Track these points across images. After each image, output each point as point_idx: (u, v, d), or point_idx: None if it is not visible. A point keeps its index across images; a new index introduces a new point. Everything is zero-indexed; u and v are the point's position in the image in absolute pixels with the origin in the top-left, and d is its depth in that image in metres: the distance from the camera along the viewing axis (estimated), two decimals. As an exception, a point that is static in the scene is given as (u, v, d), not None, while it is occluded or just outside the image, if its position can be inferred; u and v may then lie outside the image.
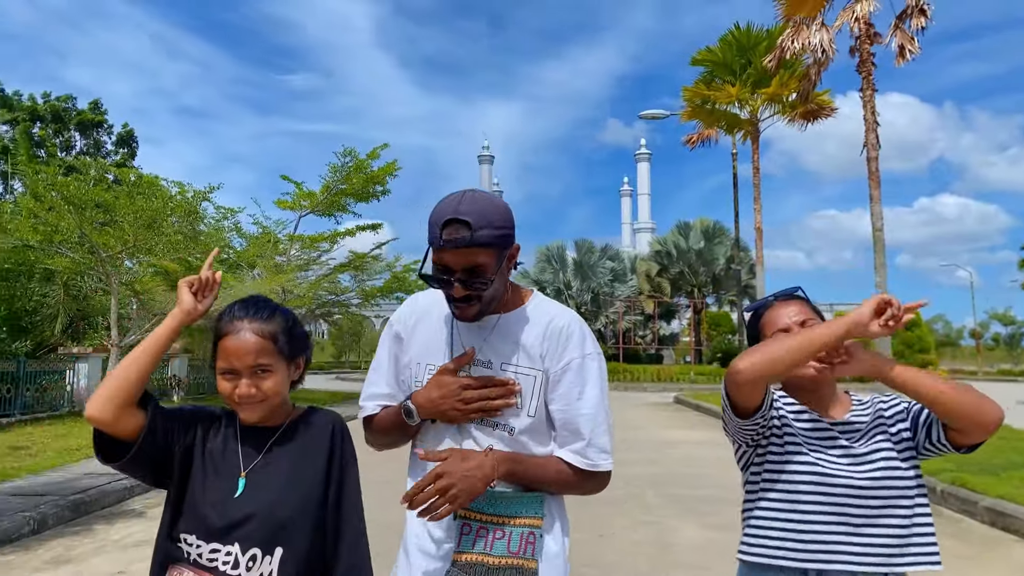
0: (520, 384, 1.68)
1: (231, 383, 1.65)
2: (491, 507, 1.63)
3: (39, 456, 9.69)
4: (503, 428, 1.68)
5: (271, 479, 1.66)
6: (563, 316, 1.75)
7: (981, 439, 1.80)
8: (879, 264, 13.27)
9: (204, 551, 1.60)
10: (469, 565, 1.60)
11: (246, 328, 1.66)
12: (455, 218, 1.56)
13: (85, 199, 12.11)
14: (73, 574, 5.29)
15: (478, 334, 1.73)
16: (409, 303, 1.89)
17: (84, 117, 33.81)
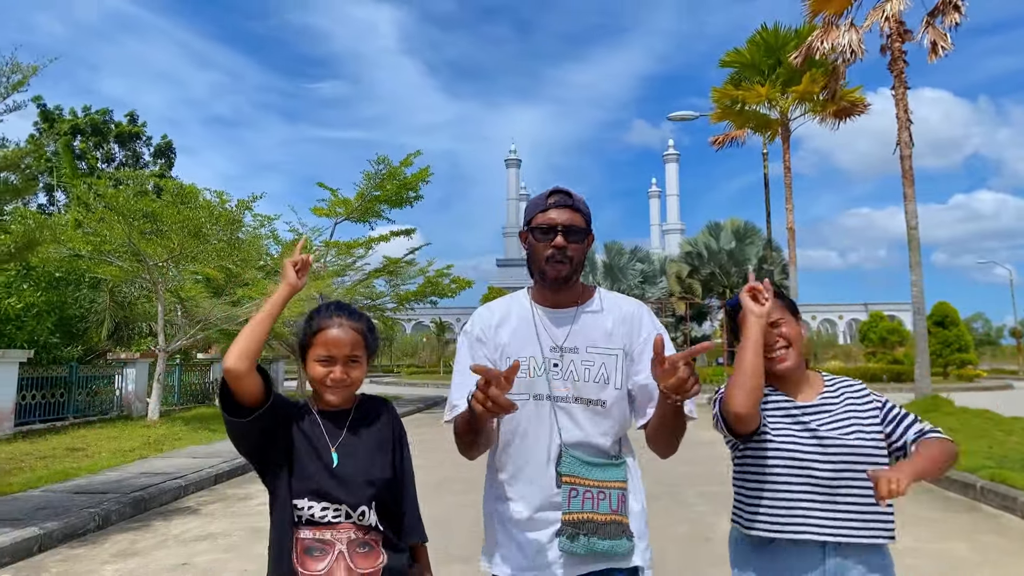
0: (604, 360, 1.95)
1: (326, 368, 1.93)
2: (592, 474, 1.89)
3: (95, 457, 10.07)
4: (597, 404, 1.94)
5: (357, 450, 1.96)
6: (630, 302, 2.07)
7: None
8: (914, 263, 13.20)
9: (316, 510, 1.87)
10: (580, 522, 1.85)
11: (345, 324, 1.96)
12: (559, 188, 2.00)
13: (133, 210, 12.55)
14: (140, 566, 5.58)
15: (561, 324, 1.99)
16: (485, 311, 2.12)
17: (122, 129, 34.71)
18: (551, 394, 1.94)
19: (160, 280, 13.63)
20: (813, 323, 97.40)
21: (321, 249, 21.26)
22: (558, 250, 1.94)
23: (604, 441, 1.94)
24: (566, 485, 1.88)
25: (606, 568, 1.89)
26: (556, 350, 1.96)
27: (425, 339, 73.24)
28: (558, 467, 1.91)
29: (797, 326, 2.12)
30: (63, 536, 6.27)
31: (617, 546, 1.86)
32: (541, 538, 1.92)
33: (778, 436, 2.05)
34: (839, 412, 2.08)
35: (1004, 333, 70.60)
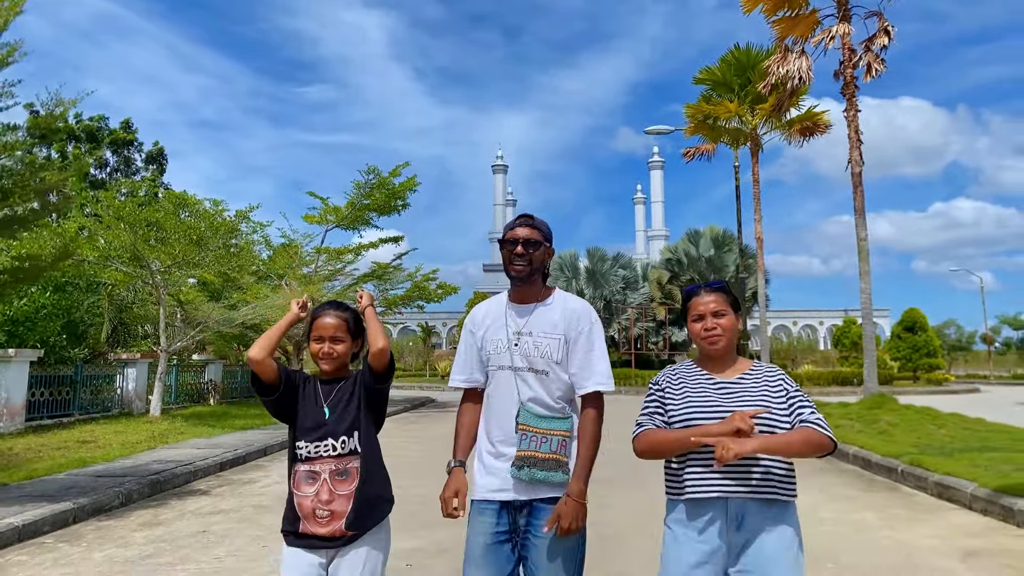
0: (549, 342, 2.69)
1: (319, 344, 2.78)
2: (540, 424, 2.59)
3: (106, 448, 10.88)
4: (542, 373, 2.66)
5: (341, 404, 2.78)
6: (578, 302, 2.81)
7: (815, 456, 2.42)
8: (863, 271, 14.28)
9: (310, 448, 2.70)
10: (526, 458, 2.55)
11: (332, 313, 2.83)
12: (524, 214, 2.80)
13: (139, 219, 13.41)
14: (165, 533, 6.46)
15: (522, 315, 2.75)
16: (478, 309, 2.91)
17: (116, 136, 35.36)
18: (513, 365, 2.68)
19: (162, 284, 14.48)
20: (794, 329, 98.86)
21: (312, 255, 22.14)
22: (518, 256, 2.68)
23: (551, 400, 2.64)
24: (520, 431, 2.59)
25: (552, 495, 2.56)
26: (517, 334, 2.70)
27: (411, 343, 74.00)
28: (517, 418, 2.61)
29: (734, 320, 2.54)
30: (93, 511, 7.14)
31: (552, 476, 2.53)
32: (504, 468, 2.62)
33: (687, 408, 2.44)
34: (752, 387, 2.45)
35: (976, 339, 72.25)
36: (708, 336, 2.53)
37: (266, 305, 15.92)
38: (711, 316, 2.54)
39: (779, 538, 2.32)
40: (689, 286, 2.70)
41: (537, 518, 2.58)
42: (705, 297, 2.58)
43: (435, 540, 6.04)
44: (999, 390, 37.82)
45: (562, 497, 2.56)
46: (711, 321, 2.54)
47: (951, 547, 5.77)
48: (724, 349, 2.54)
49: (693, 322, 2.60)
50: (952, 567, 5.24)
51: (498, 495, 2.63)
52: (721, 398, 2.45)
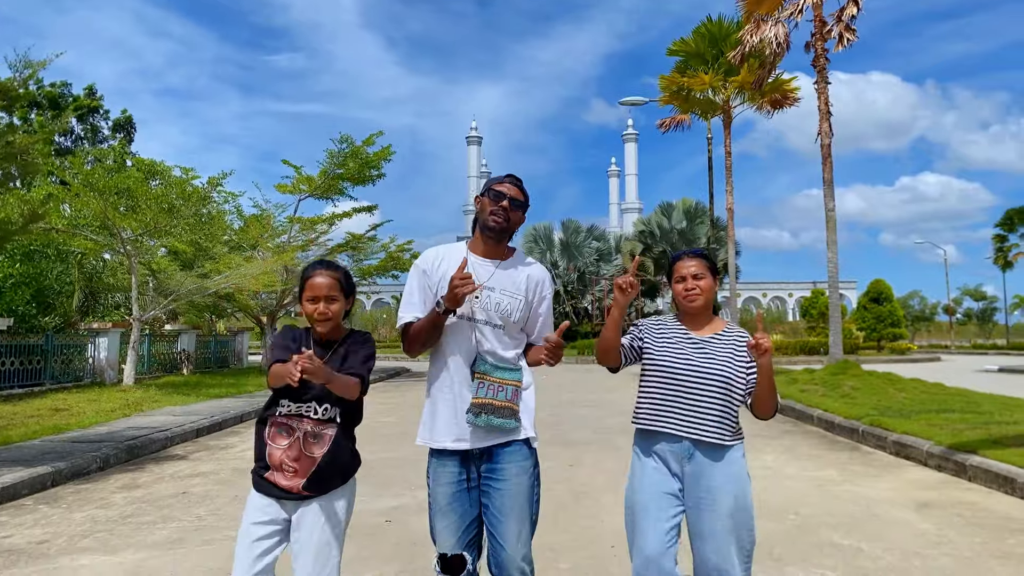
0: (510, 301, 2.77)
1: (313, 305, 2.68)
2: (495, 373, 2.70)
3: (80, 416, 10.86)
4: (500, 328, 2.76)
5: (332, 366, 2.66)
6: (540, 269, 2.92)
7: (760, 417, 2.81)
8: (830, 241, 14.59)
9: (293, 408, 2.66)
10: (482, 405, 2.66)
11: (324, 272, 2.73)
12: (511, 174, 2.84)
13: (109, 186, 13.23)
14: (145, 495, 6.54)
15: (486, 270, 2.77)
16: (431, 251, 2.90)
17: (81, 103, 34.52)
18: (472, 317, 2.72)
19: (134, 253, 14.33)
20: (764, 300, 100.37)
21: (285, 224, 21.98)
22: (503, 210, 2.72)
23: (506, 353, 2.74)
24: (477, 379, 2.68)
25: (507, 440, 2.68)
26: (483, 287, 2.71)
27: (385, 315, 73.87)
28: (473, 367, 2.70)
29: (712, 281, 2.81)
30: (71, 474, 7.18)
31: (507, 423, 2.66)
32: (459, 415, 2.69)
33: (662, 356, 2.79)
34: (720, 348, 2.77)
35: (939, 310, 74.03)
36: (688, 295, 2.83)
37: (238, 274, 15.83)
38: (691, 278, 2.83)
39: (726, 477, 2.68)
40: (676, 252, 2.99)
41: (495, 463, 2.70)
42: (688, 261, 2.86)
43: (415, 499, 6.20)
44: (959, 359, 38.95)
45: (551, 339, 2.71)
46: (691, 282, 2.82)
47: (907, 499, 6.06)
48: (701, 307, 2.84)
49: (676, 283, 2.89)
50: (907, 517, 5.52)
51: (458, 444, 2.72)
52: (692, 351, 2.80)
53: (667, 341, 2.86)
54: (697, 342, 2.81)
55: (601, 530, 5.15)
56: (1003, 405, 10.07)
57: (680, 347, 2.81)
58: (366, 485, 6.77)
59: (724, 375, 2.72)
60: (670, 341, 2.84)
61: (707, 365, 2.74)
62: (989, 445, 7.04)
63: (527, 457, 2.74)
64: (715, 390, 2.71)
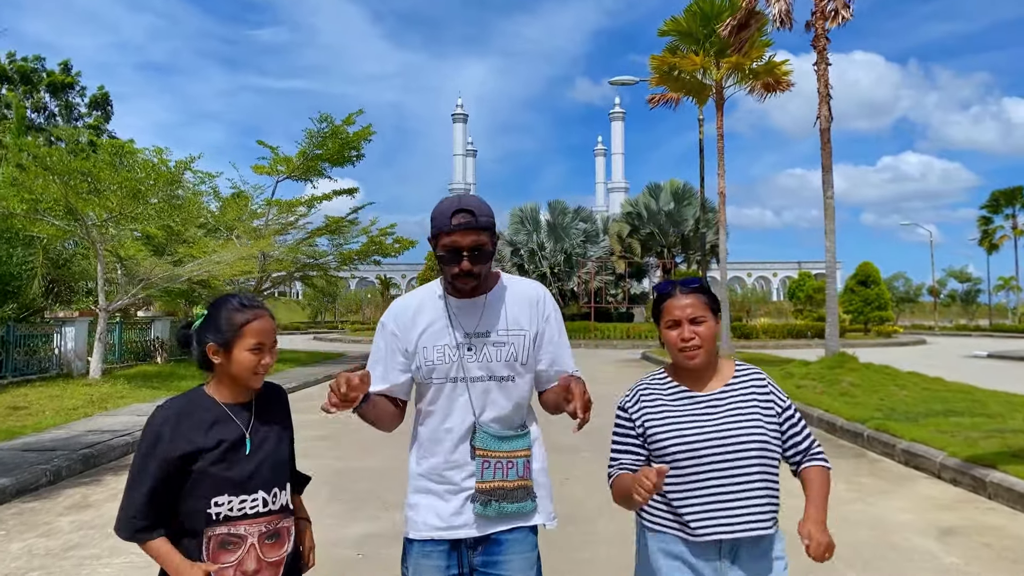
0: (514, 341, 2.19)
1: (257, 356, 2.09)
2: (501, 446, 2.14)
3: (38, 416, 10.22)
4: (507, 380, 2.18)
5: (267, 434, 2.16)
6: (533, 286, 2.31)
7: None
8: (829, 230, 14.11)
9: (234, 504, 2.04)
10: (492, 490, 2.11)
11: (266, 314, 2.16)
12: (462, 208, 2.07)
13: (69, 169, 12.44)
14: (95, 517, 5.94)
15: (471, 312, 2.20)
16: (401, 305, 2.30)
17: (55, 79, 33.31)
18: (466, 376, 2.16)
19: (99, 239, 13.59)
20: (748, 280, 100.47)
21: (263, 207, 21.23)
22: (464, 274, 2.09)
23: (514, 414, 2.19)
24: (479, 457, 2.12)
25: (512, 527, 2.15)
26: (468, 336, 2.16)
27: (369, 295, 73.12)
28: (472, 441, 2.14)
29: (714, 325, 2.15)
30: (16, 491, 6.56)
31: (523, 507, 2.14)
32: (456, 503, 2.15)
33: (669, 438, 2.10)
34: (739, 403, 2.13)
35: (923, 291, 74.37)
36: (686, 350, 2.15)
37: (212, 260, 15.12)
38: (688, 323, 2.14)
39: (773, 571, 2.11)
40: (662, 284, 2.29)
41: (495, 555, 2.16)
42: (681, 299, 2.17)
43: (390, 524, 5.64)
44: (943, 341, 39.21)
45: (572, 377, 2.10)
46: (688, 330, 2.14)
47: (926, 523, 5.59)
48: (703, 363, 2.16)
49: (666, 328, 2.20)
50: (930, 547, 5.04)
51: (449, 533, 2.17)
52: (705, 420, 2.12)
53: (668, 416, 2.16)
54: (705, 402, 2.15)
55: (601, 566, 4.63)
56: (1010, 405, 9.66)
57: (688, 417, 2.13)
58: (335, 504, 6.20)
59: (757, 439, 2.07)
60: (672, 413, 2.15)
61: (731, 432, 2.08)
62: (1008, 459, 6.58)
63: (533, 547, 2.22)
64: (751, 463, 2.06)
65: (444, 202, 2.16)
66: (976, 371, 17.89)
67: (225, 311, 2.12)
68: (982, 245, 59.54)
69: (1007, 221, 58.77)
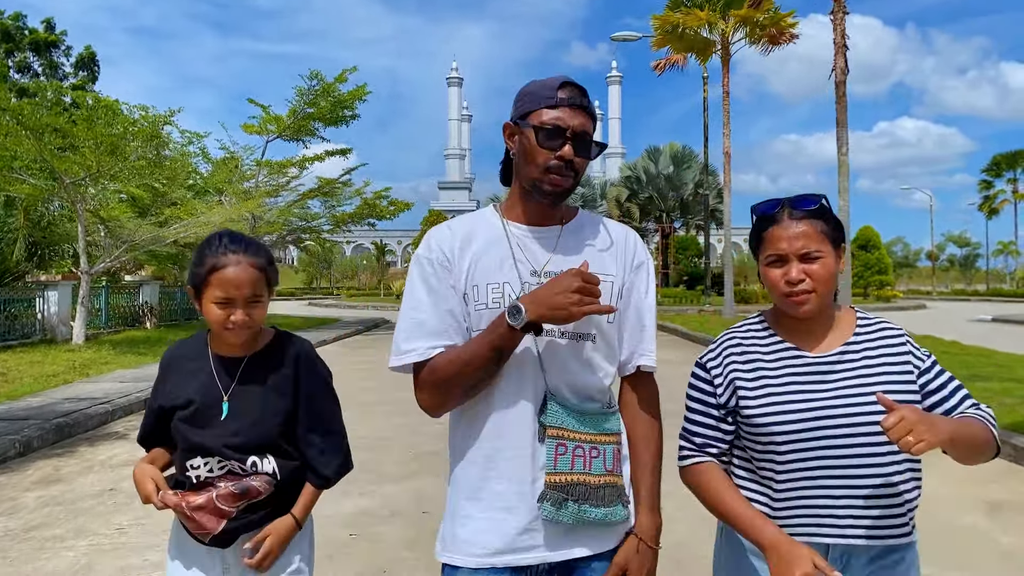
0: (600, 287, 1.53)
1: (225, 311, 1.74)
2: (583, 425, 1.56)
3: (16, 383, 9.73)
4: (588, 338, 1.60)
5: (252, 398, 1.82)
6: (620, 227, 1.76)
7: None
8: (843, 188, 13.56)
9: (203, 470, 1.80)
10: (570, 485, 1.52)
11: (244, 261, 1.74)
12: (571, 82, 1.59)
13: (41, 124, 11.75)
14: (64, 492, 5.47)
15: (542, 244, 1.64)
16: (445, 230, 1.69)
17: (37, 37, 32.22)
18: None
19: (79, 199, 12.95)
20: (745, 246, 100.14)
21: (253, 168, 20.54)
22: (565, 162, 1.56)
23: (598, 384, 1.61)
24: (551, 439, 1.53)
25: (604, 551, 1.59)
26: (536, 274, 1.59)
27: (365, 261, 72.53)
28: (542, 417, 1.55)
29: (834, 262, 1.57)
30: (-17, 463, 6.09)
31: (612, 514, 1.54)
32: (519, 510, 1.55)
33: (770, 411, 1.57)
34: (866, 365, 1.57)
35: (921, 256, 74.04)
36: (793, 295, 1.55)
37: (199, 223, 14.50)
38: (797, 260, 1.55)
39: None
40: (765, 203, 1.64)
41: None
42: (790, 227, 1.56)
43: (385, 499, 5.18)
44: (943, 305, 39.04)
45: (627, 538, 1.61)
46: (797, 270, 1.54)
47: (971, 498, 5.14)
48: (815, 311, 1.57)
49: (767, 265, 1.60)
50: (981, 525, 4.60)
51: (512, 558, 1.55)
52: (820, 390, 1.55)
53: (772, 383, 1.59)
54: (818, 366, 1.58)
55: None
56: (1037, 369, 9.23)
57: (794, 386, 1.57)
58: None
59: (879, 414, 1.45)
60: (772, 379, 1.59)
61: (856, 409, 1.51)
62: (1051, 426, 6.13)
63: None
64: (879, 450, 1.51)
65: (540, 79, 1.65)
66: (984, 335, 17.53)
67: (201, 251, 1.80)
68: (982, 209, 59.15)
69: (1008, 185, 58.34)
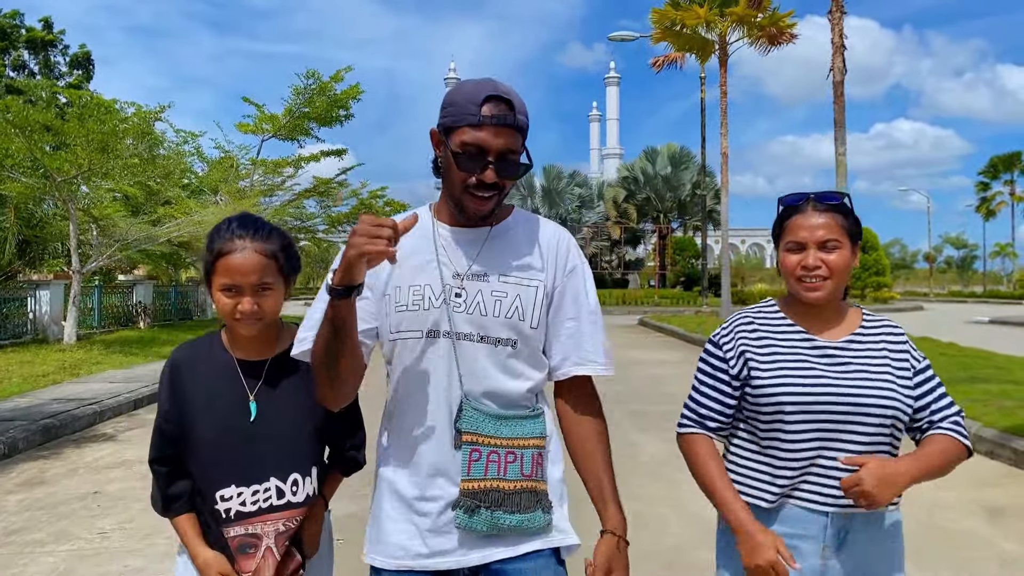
0: (520, 293, 1.56)
1: (232, 300, 1.65)
2: (500, 430, 1.52)
3: (4, 383, 9.62)
4: (507, 344, 1.56)
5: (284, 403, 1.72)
6: (553, 227, 1.70)
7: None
8: (840, 188, 13.47)
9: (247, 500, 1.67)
10: (483, 492, 1.49)
11: (249, 247, 1.65)
12: (497, 95, 1.47)
13: (31, 122, 11.63)
14: (48, 495, 5.37)
15: (467, 246, 1.60)
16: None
17: (34, 35, 32.04)
18: (450, 330, 1.54)
19: (70, 197, 12.83)
20: (742, 247, 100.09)
21: (248, 167, 20.42)
22: (487, 184, 1.49)
23: (516, 389, 1.57)
24: (466, 445, 1.50)
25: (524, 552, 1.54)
26: (458, 277, 1.56)
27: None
28: (457, 423, 1.52)
29: (850, 254, 1.69)
30: (-35, 465, 5.98)
31: (528, 520, 1.51)
32: (433, 514, 1.54)
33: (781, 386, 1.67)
34: (870, 358, 1.71)
35: (919, 257, 74.09)
36: (807, 280, 1.69)
37: (192, 222, 14.37)
38: (816, 248, 1.68)
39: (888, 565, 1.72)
40: (791, 195, 1.77)
41: None
42: (813, 218, 1.70)
43: (374, 503, 5.07)
44: (940, 307, 39.07)
45: (604, 537, 1.58)
46: (814, 257, 1.67)
47: (971, 502, 5.05)
48: (827, 298, 1.70)
49: (786, 251, 1.73)
50: (980, 530, 4.51)
51: (430, 562, 1.54)
52: (828, 371, 1.68)
53: (783, 359, 1.71)
54: (826, 350, 1.71)
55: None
56: (1035, 372, 9.16)
57: (804, 363, 1.69)
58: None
59: (889, 403, 1.64)
60: (788, 358, 1.71)
61: (860, 391, 1.65)
62: (1051, 429, 6.05)
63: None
64: (876, 430, 1.65)
65: (467, 84, 1.54)
66: (982, 336, 17.48)
67: (210, 236, 1.71)
68: (979, 211, 59.17)
69: (1005, 187, 58.39)
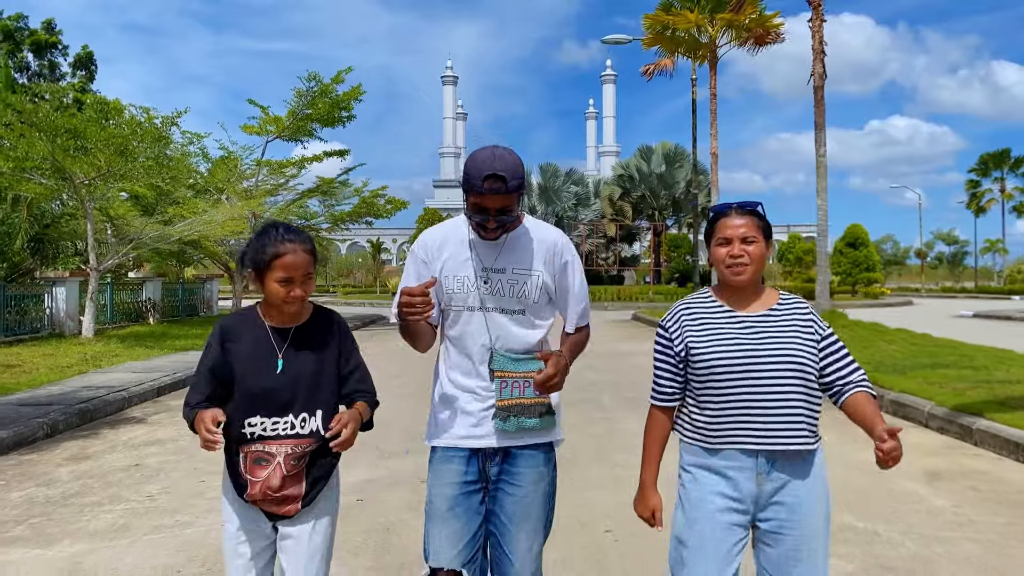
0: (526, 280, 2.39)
1: (286, 288, 2.23)
2: (517, 367, 2.35)
3: (33, 373, 10.22)
4: (517, 312, 2.40)
5: (303, 359, 2.31)
6: (552, 232, 2.51)
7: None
8: (821, 188, 14.12)
9: (268, 427, 2.26)
10: (511, 406, 2.32)
11: (299, 249, 2.24)
12: (494, 173, 2.21)
13: (55, 126, 12.24)
14: (94, 467, 6.00)
15: (492, 250, 2.40)
16: (429, 235, 2.51)
17: (38, 38, 32.57)
18: (482, 306, 2.38)
19: (88, 198, 13.44)
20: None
21: (252, 168, 21.02)
22: (489, 229, 2.30)
23: (525, 341, 2.40)
24: (497, 379, 2.34)
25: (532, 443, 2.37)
26: (486, 271, 2.38)
27: (361, 259, 72.88)
28: (490, 364, 2.36)
29: (764, 247, 2.24)
30: (14, 444, 6.59)
31: (543, 423, 2.35)
32: (477, 415, 2.36)
33: (711, 352, 2.20)
34: (781, 325, 2.22)
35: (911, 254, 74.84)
36: (733, 265, 2.24)
37: (203, 221, 15.00)
38: (739, 242, 2.24)
39: (810, 491, 2.18)
40: (718, 204, 2.38)
41: (513, 465, 2.39)
42: (735, 220, 2.26)
43: (388, 471, 5.73)
44: (930, 302, 39.59)
45: (553, 355, 2.34)
46: (738, 247, 2.24)
47: (914, 468, 5.71)
48: (749, 280, 2.26)
49: (717, 246, 2.29)
50: (919, 490, 5.16)
51: (469, 442, 2.39)
52: (747, 338, 2.22)
53: (711, 331, 2.25)
54: (748, 323, 2.24)
55: (592, 511, 4.71)
56: (996, 359, 9.82)
57: (729, 334, 2.23)
58: (336, 456, 6.31)
59: (796, 359, 2.16)
60: (714, 330, 2.25)
61: (771, 350, 2.17)
62: (995, 407, 6.72)
63: (548, 461, 2.46)
64: (789, 381, 2.15)
65: (479, 157, 2.26)
66: (962, 329, 18.10)
67: (262, 240, 2.26)
68: (970, 208, 59.84)
69: (995, 184, 59.06)
